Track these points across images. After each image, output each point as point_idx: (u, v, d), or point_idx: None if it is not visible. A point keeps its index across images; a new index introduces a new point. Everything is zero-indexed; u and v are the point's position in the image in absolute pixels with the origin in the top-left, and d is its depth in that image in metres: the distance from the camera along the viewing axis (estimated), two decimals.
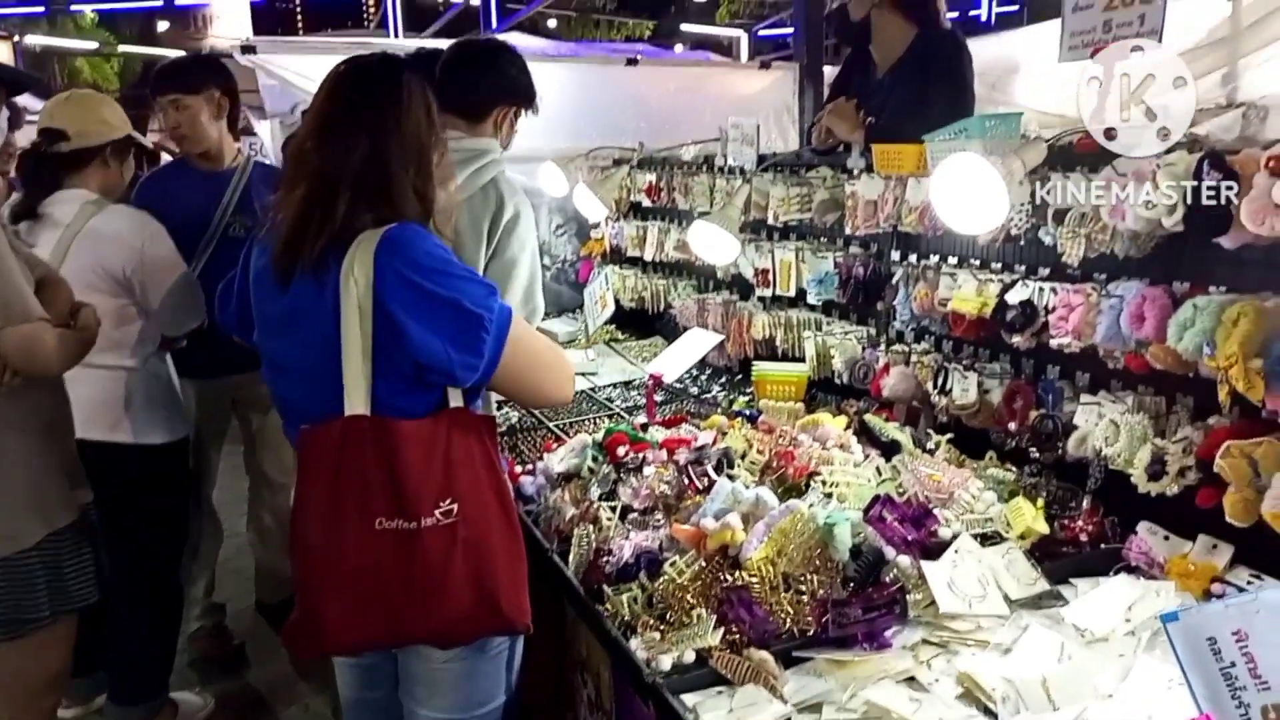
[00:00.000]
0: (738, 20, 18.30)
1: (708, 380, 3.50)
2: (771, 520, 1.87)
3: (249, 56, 4.57)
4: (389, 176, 1.59)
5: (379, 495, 1.53)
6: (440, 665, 1.74)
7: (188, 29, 27.28)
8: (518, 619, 1.66)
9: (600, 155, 4.40)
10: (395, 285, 1.51)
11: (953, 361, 2.47)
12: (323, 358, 1.56)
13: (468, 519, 1.57)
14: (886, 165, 2.55)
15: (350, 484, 1.54)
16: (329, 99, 1.64)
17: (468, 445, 1.61)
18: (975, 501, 2.01)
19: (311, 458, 1.59)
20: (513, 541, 1.68)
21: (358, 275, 1.51)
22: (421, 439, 1.55)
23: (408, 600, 1.56)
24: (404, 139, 1.61)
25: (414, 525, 1.53)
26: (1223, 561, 1.77)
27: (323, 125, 1.61)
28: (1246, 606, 1.04)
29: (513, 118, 2.40)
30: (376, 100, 1.62)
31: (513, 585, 1.65)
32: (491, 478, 1.64)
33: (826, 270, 2.92)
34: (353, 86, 1.64)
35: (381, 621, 1.58)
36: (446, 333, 1.53)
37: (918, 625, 1.71)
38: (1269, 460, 1.63)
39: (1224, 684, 1.04)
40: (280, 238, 1.61)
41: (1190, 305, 1.75)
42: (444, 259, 1.57)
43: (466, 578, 1.57)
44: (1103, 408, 2.02)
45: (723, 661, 1.59)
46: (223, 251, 3.11)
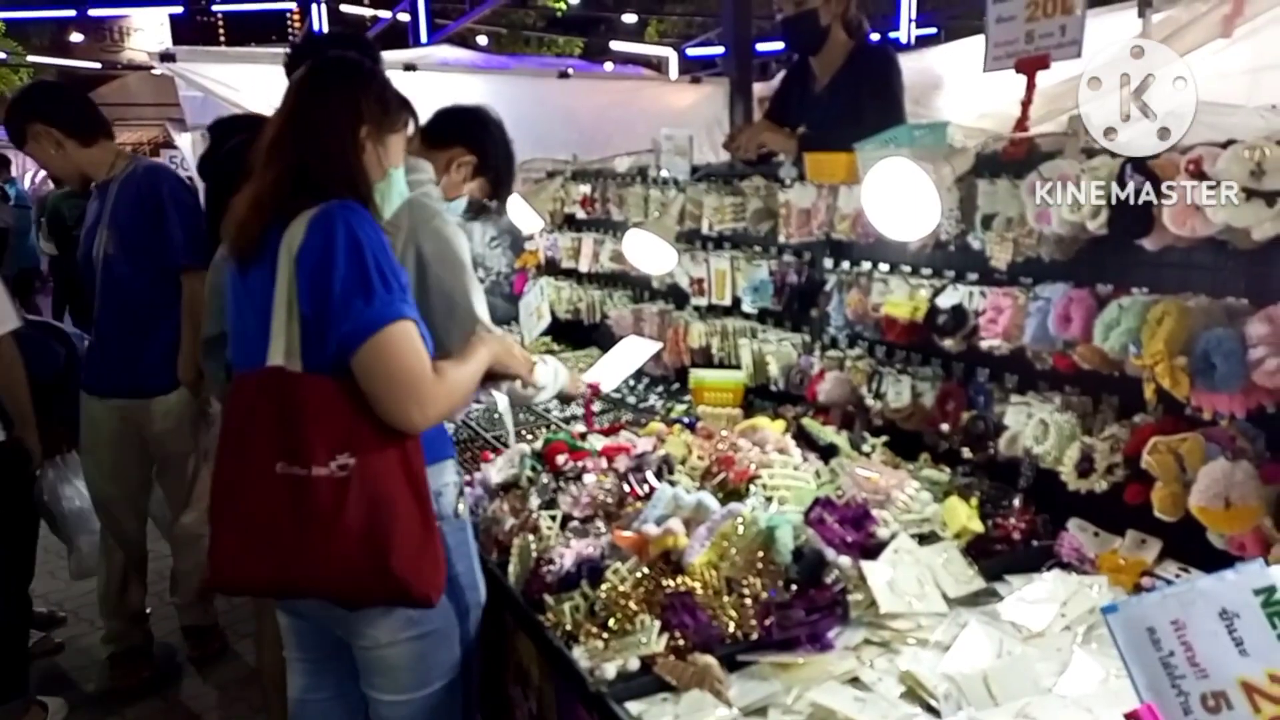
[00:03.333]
0: (666, 39, 18.47)
1: (645, 389, 3.49)
2: (713, 524, 1.86)
3: (168, 65, 4.44)
4: (330, 160, 1.69)
5: (279, 440, 1.60)
6: (384, 649, 1.81)
7: (103, 40, 26.43)
8: (414, 585, 1.64)
9: (533, 167, 4.37)
10: (310, 244, 1.61)
11: (886, 366, 2.50)
12: (264, 322, 1.65)
13: (364, 476, 1.60)
14: (818, 174, 2.58)
15: (259, 427, 1.62)
16: (288, 101, 1.75)
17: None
18: (912, 502, 2.03)
19: (233, 403, 1.71)
20: (418, 508, 1.68)
21: (291, 241, 1.62)
22: (326, 393, 1.61)
23: (296, 546, 1.60)
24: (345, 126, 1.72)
25: (306, 472, 1.58)
26: (1152, 556, 1.81)
27: (281, 124, 1.73)
28: (1183, 596, 1.06)
29: (468, 171, 2.35)
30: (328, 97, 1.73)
31: (412, 551, 1.64)
32: (399, 443, 1.65)
33: (761, 278, 2.93)
34: (306, 86, 1.75)
35: (270, 563, 1.62)
36: (320, 299, 1.60)
37: (859, 625, 1.71)
38: (1194, 455, 1.68)
39: (1164, 673, 1.05)
40: (235, 225, 1.72)
41: (1115, 306, 1.80)
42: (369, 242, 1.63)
43: (358, 533, 1.59)
44: (1032, 408, 2.06)
45: (667, 668, 1.57)
46: (103, 270, 3.13)
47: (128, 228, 3.08)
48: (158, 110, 18.55)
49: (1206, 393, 1.65)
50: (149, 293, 3.12)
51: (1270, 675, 1.02)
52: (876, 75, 3.02)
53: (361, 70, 1.77)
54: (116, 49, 25.58)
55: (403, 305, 1.63)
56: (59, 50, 22.05)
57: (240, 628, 3.77)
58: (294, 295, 1.62)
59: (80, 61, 21.78)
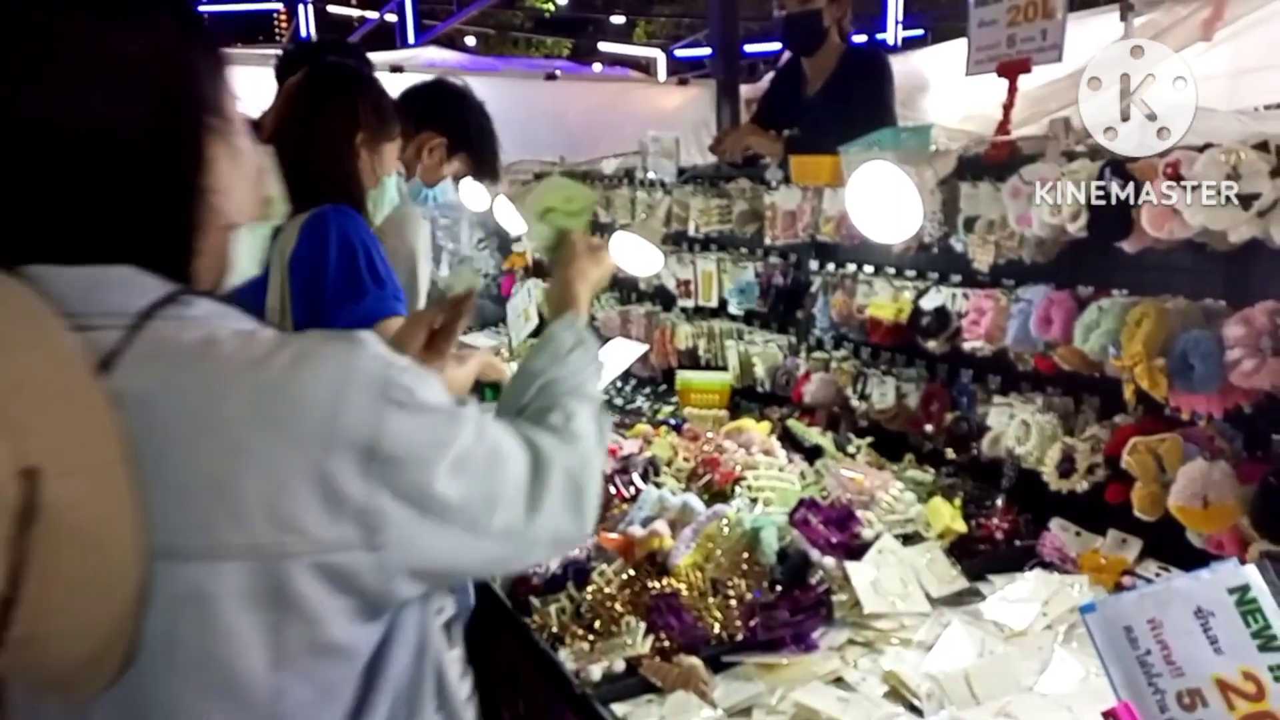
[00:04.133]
0: (655, 40, 18.48)
1: (632, 391, 3.50)
2: (699, 526, 1.87)
3: None
4: (326, 166, 1.71)
5: None
6: None
7: None
8: None
9: (520, 169, 4.37)
10: (302, 247, 1.62)
11: (871, 367, 2.52)
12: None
13: None
14: (803, 176, 2.60)
15: None
16: (286, 105, 1.77)
17: None
18: (896, 503, 2.04)
19: None
20: None
21: (284, 246, 1.63)
22: None
23: None
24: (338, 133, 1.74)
25: None
26: (1132, 555, 1.83)
27: (277, 128, 1.74)
28: (1160, 595, 1.07)
29: (441, 153, 2.34)
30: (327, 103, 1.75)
31: None
32: None
33: (747, 280, 2.95)
34: (305, 91, 1.76)
35: None
36: (313, 303, 1.61)
37: (844, 626, 1.72)
38: (1173, 455, 1.69)
39: (1140, 671, 1.06)
40: None
41: (1095, 308, 1.81)
42: (361, 245, 1.64)
43: None
44: (1014, 408, 2.08)
45: (652, 669, 1.57)
46: None
47: None
48: None
49: (1185, 393, 1.67)
50: None
51: (1244, 672, 1.04)
52: (870, 80, 3.04)
53: (360, 78, 1.79)
54: None
55: (395, 303, 1.63)
56: None
57: None
58: (287, 301, 1.62)
59: None
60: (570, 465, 0.95)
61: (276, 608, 0.75)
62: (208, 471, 0.73)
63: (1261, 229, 1.54)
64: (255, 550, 0.74)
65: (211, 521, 0.73)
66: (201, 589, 0.74)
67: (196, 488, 0.73)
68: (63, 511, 0.66)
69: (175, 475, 0.72)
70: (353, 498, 0.76)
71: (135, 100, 0.75)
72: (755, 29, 11.57)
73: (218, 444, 0.73)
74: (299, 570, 0.75)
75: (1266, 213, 1.52)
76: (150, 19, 0.77)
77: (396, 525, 0.78)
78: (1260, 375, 1.55)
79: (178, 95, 0.77)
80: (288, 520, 0.74)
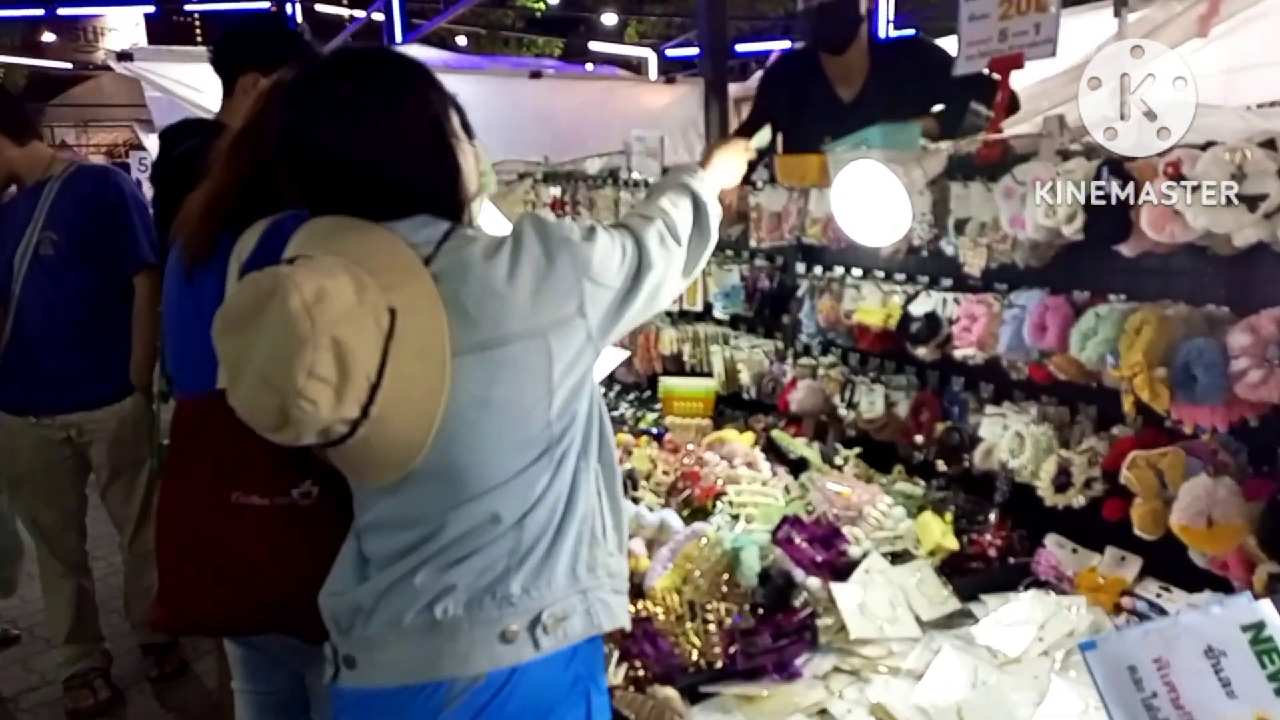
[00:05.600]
0: (646, 40, 18.38)
1: (616, 397, 3.40)
2: (676, 545, 1.78)
3: (125, 64, 4.32)
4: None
5: (234, 468, 1.48)
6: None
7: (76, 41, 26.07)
8: None
9: (504, 169, 4.28)
10: (259, 258, 1.50)
11: (859, 374, 2.43)
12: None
13: (330, 505, 1.47)
14: (789, 176, 2.51)
15: (210, 454, 1.50)
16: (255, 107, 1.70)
17: None
18: (884, 518, 1.95)
19: (179, 428, 1.58)
20: None
21: (241, 250, 1.54)
22: None
23: (254, 582, 1.48)
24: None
25: (266, 502, 1.47)
26: (1132, 574, 1.75)
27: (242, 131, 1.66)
28: (1166, 632, 0.99)
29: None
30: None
31: None
32: None
33: (733, 283, 2.86)
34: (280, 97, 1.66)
35: (224, 601, 1.49)
36: None
37: (829, 652, 1.64)
38: (1174, 470, 1.61)
39: (1146, 716, 0.98)
40: (188, 231, 1.64)
41: (1092, 314, 1.73)
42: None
43: (323, 567, 1.45)
44: (1007, 419, 1.99)
45: (625, 701, 1.48)
46: (35, 271, 2.95)
47: (78, 226, 2.94)
48: (130, 111, 18.28)
49: (1187, 405, 1.58)
50: (99, 294, 2.98)
51: (1260, 719, 0.95)
52: (933, 73, 2.59)
53: None
54: (90, 49, 25.21)
55: None
56: (30, 50, 21.72)
57: (203, 644, 3.65)
58: None
59: (52, 62, 21.46)
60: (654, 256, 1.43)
61: (548, 361, 1.25)
62: (485, 303, 1.23)
63: (1268, 231, 1.45)
64: (528, 331, 1.24)
65: (498, 322, 1.22)
66: (504, 359, 1.22)
67: (480, 315, 1.22)
68: (407, 333, 1.15)
69: (467, 310, 1.21)
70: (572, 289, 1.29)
71: (417, 135, 1.29)
72: (746, 29, 11.49)
73: (486, 288, 1.23)
74: (553, 336, 1.25)
75: (1273, 214, 1.44)
76: (412, 84, 1.31)
77: (589, 298, 1.29)
78: (1267, 386, 1.46)
79: (439, 127, 1.31)
80: (541, 309, 1.25)
